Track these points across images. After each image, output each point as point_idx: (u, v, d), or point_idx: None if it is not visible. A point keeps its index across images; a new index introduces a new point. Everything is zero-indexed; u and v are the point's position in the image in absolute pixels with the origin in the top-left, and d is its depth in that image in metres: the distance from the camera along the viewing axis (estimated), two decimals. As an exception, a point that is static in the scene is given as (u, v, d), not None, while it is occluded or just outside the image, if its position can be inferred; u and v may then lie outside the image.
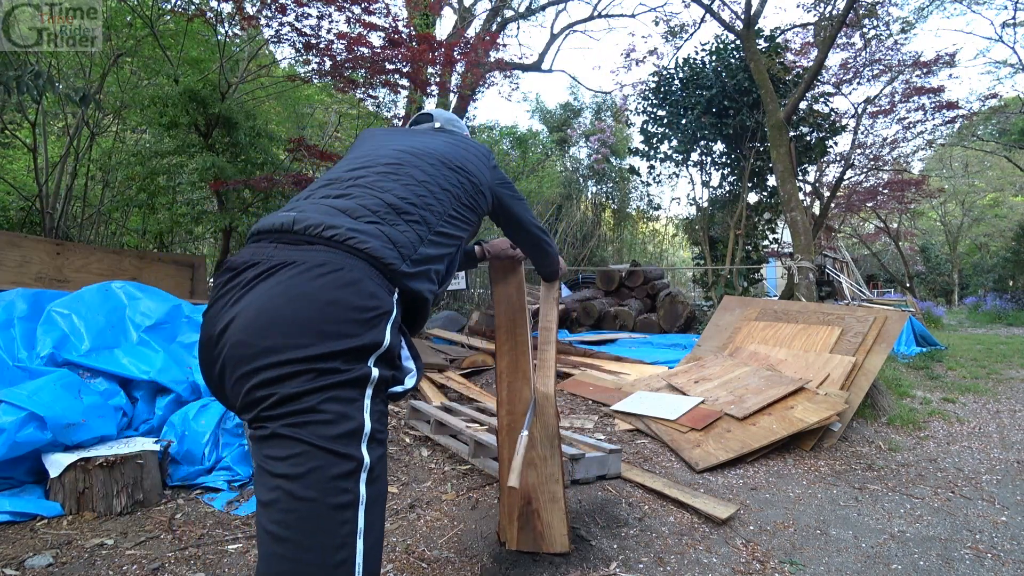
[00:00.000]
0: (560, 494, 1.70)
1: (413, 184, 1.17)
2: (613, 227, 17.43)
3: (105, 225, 6.94)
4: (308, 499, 0.83)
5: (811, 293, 7.45)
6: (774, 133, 8.21)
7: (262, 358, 0.87)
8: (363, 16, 5.31)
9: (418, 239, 1.09)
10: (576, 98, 17.14)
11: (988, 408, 4.17)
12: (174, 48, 5.85)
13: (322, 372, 0.87)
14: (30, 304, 2.71)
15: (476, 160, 1.39)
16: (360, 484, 0.87)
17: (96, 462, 2.03)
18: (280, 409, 0.86)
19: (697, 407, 3.30)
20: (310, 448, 0.84)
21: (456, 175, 1.28)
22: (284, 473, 0.84)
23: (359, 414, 0.89)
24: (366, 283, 0.95)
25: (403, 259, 1.04)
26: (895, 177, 15.84)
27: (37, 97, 3.12)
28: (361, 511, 0.87)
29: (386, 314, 0.96)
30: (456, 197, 1.25)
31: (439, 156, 1.29)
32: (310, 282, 0.91)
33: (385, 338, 0.94)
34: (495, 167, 1.47)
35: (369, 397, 0.91)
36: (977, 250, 24.24)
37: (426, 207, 1.15)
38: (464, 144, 1.42)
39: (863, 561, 1.91)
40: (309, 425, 0.85)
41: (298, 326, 0.88)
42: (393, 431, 3.14)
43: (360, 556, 0.86)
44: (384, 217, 1.07)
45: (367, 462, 0.88)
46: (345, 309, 0.91)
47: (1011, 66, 13.74)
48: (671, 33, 11.09)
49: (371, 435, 0.90)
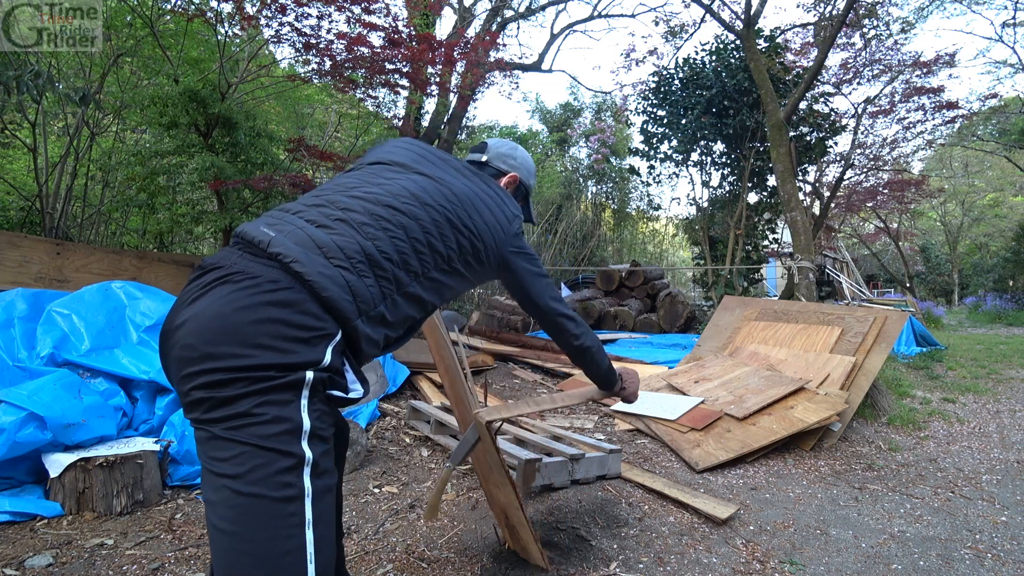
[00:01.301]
0: (523, 520, 1.65)
1: (401, 240, 1.12)
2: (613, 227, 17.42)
3: (105, 225, 6.94)
4: (252, 494, 0.88)
5: (811, 293, 7.45)
6: (774, 133, 8.21)
7: (203, 363, 0.91)
8: (363, 16, 5.30)
9: (381, 296, 1.08)
10: (576, 98, 17.15)
11: (988, 408, 4.17)
12: (174, 48, 5.85)
13: (256, 380, 0.90)
14: (30, 304, 2.71)
15: (493, 218, 1.31)
16: (304, 478, 0.91)
17: (96, 462, 2.03)
18: (218, 412, 0.90)
19: (697, 407, 3.30)
20: (250, 448, 0.88)
21: (459, 236, 1.22)
22: (227, 472, 0.89)
23: (296, 414, 0.92)
24: (308, 305, 0.97)
25: (359, 314, 1.04)
26: (895, 177, 15.84)
27: (37, 97, 3.12)
28: (308, 503, 0.91)
29: (328, 336, 0.98)
30: (447, 259, 1.20)
31: (448, 211, 1.21)
32: (259, 295, 0.94)
33: (325, 358, 0.97)
34: (517, 233, 1.38)
35: (305, 398, 0.94)
36: (977, 250, 24.23)
37: (404, 265, 1.12)
38: (490, 196, 1.33)
39: (863, 561, 1.91)
40: (246, 427, 0.89)
41: (239, 337, 0.91)
42: (393, 431, 3.14)
43: (310, 545, 0.91)
44: (356, 266, 1.05)
45: (309, 457, 0.92)
46: (286, 326, 0.94)
47: (1011, 66, 13.75)
48: (671, 33, 11.09)
49: (311, 432, 0.93)
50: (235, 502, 0.88)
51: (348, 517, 2.13)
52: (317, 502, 0.93)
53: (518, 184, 1.57)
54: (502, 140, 1.62)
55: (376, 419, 3.26)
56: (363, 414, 3.14)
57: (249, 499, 0.88)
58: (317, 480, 0.94)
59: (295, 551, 0.89)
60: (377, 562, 1.81)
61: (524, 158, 1.60)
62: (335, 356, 0.99)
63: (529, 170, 1.61)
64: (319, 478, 0.94)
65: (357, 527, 2.04)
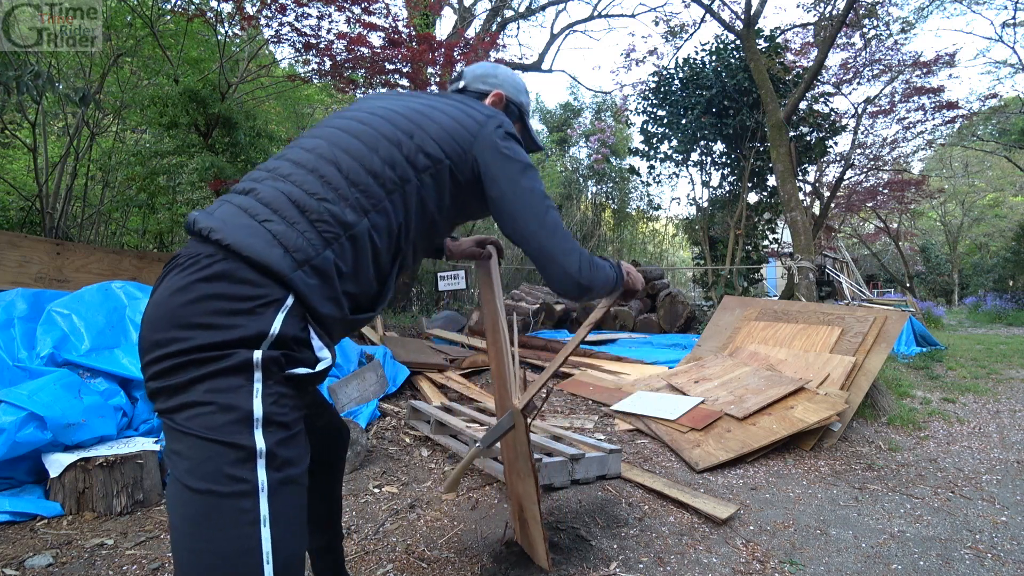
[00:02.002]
0: (537, 515, 1.63)
1: (335, 176, 1.00)
2: (613, 227, 17.43)
3: (105, 225, 6.94)
4: (201, 491, 0.83)
5: (811, 293, 7.45)
6: (774, 133, 8.21)
7: (151, 352, 0.88)
8: (363, 16, 5.31)
9: (322, 241, 0.95)
10: (576, 98, 17.17)
11: (988, 408, 4.17)
12: (174, 48, 5.85)
13: (201, 362, 0.85)
14: (30, 304, 2.71)
15: (454, 122, 1.12)
16: (257, 472, 0.85)
17: (96, 462, 2.03)
18: (171, 401, 0.86)
19: (697, 407, 3.30)
20: (198, 440, 0.84)
21: (409, 154, 1.06)
22: (179, 467, 0.85)
23: (246, 401, 0.85)
24: (242, 272, 0.89)
25: (297, 265, 0.92)
26: (895, 177, 15.85)
27: (37, 97, 3.12)
28: (262, 499, 0.85)
29: (272, 302, 0.89)
30: (400, 184, 1.04)
31: (388, 131, 1.07)
32: (192, 274, 0.89)
33: (272, 327, 0.88)
34: (498, 134, 1.14)
35: (259, 381, 0.87)
36: (977, 250, 24.23)
37: (342, 201, 0.98)
38: (450, 105, 1.16)
39: (863, 561, 1.91)
40: (196, 417, 0.84)
41: (177, 319, 0.87)
42: (393, 431, 3.14)
43: (267, 544, 0.84)
44: (284, 215, 0.95)
45: (260, 448, 0.85)
46: (221, 300, 0.87)
47: (1011, 66, 13.76)
48: (671, 33, 11.09)
49: (266, 419, 0.86)
50: (186, 498, 0.84)
51: (348, 517, 2.13)
52: (274, 497, 0.86)
53: (505, 102, 1.37)
54: (480, 63, 1.43)
55: (376, 419, 3.27)
56: (363, 414, 3.14)
57: (199, 496, 0.83)
58: (274, 472, 0.86)
59: (250, 551, 0.83)
60: (377, 562, 1.81)
61: (508, 74, 1.40)
62: (290, 324, 0.90)
63: (516, 86, 1.40)
64: (277, 470, 0.87)
65: (357, 527, 2.04)
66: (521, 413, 1.56)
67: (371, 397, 3.35)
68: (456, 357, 4.52)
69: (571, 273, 1.14)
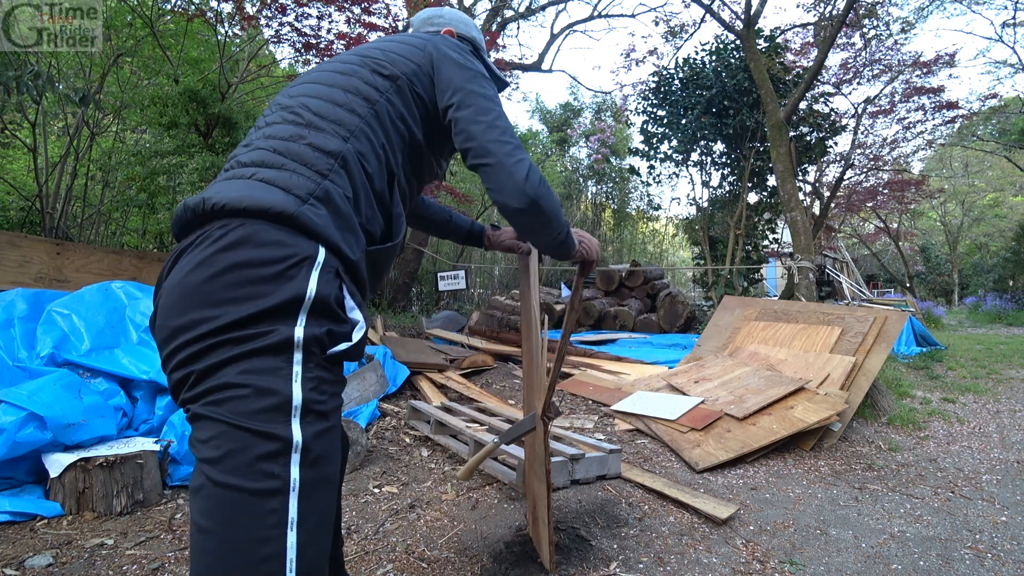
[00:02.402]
0: (545, 518, 1.64)
1: (307, 114, 0.98)
2: (613, 227, 17.44)
3: (105, 225, 6.94)
4: (228, 485, 0.75)
5: (811, 293, 7.45)
6: (774, 133, 8.21)
7: (176, 338, 0.81)
8: (363, 16, 5.31)
9: (317, 175, 0.91)
10: (576, 98, 17.18)
11: (988, 408, 4.17)
12: (174, 48, 5.85)
13: (235, 342, 0.78)
14: (30, 304, 2.71)
15: (404, 45, 1.13)
16: (291, 467, 0.77)
17: (96, 462, 2.03)
18: (198, 388, 0.79)
19: (697, 407, 3.30)
20: (228, 428, 0.76)
21: (368, 77, 1.05)
22: (205, 457, 0.77)
23: (284, 385, 0.78)
24: (264, 233, 0.83)
25: (300, 200, 0.87)
26: (895, 177, 15.86)
27: (37, 97, 3.12)
28: (292, 499, 0.76)
29: (305, 260, 0.83)
30: (371, 102, 1.02)
31: (340, 67, 1.07)
32: (210, 247, 0.82)
33: (308, 288, 0.81)
34: (455, 44, 1.15)
35: (299, 363, 0.79)
36: (977, 250, 24.24)
37: (317, 132, 0.96)
38: (399, 37, 1.17)
39: (863, 561, 1.91)
40: (228, 402, 0.76)
41: (204, 298, 0.79)
42: (393, 431, 3.14)
43: (292, 551, 0.76)
44: (271, 163, 0.92)
45: (297, 441, 0.77)
46: (248, 268, 0.80)
47: (1011, 66, 13.76)
48: (671, 33, 11.10)
49: (304, 408, 0.79)
50: (210, 493, 0.76)
51: (348, 517, 2.13)
52: (306, 497, 0.78)
53: (458, 38, 1.33)
54: (425, 9, 1.42)
55: (376, 419, 3.27)
56: (363, 414, 3.14)
57: (224, 490, 0.75)
58: (308, 470, 0.78)
59: (273, 557, 0.75)
60: (377, 562, 1.81)
61: (454, 13, 1.38)
62: (325, 282, 0.83)
63: (464, 22, 1.38)
64: (311, 467, 0.79)
65: (357, 527, 2.04)
66: (542, 418, 1.56)
67: (371, 397, 3.35)
68: (456, 357, 4.52)
69: (518, 180, 1.03)
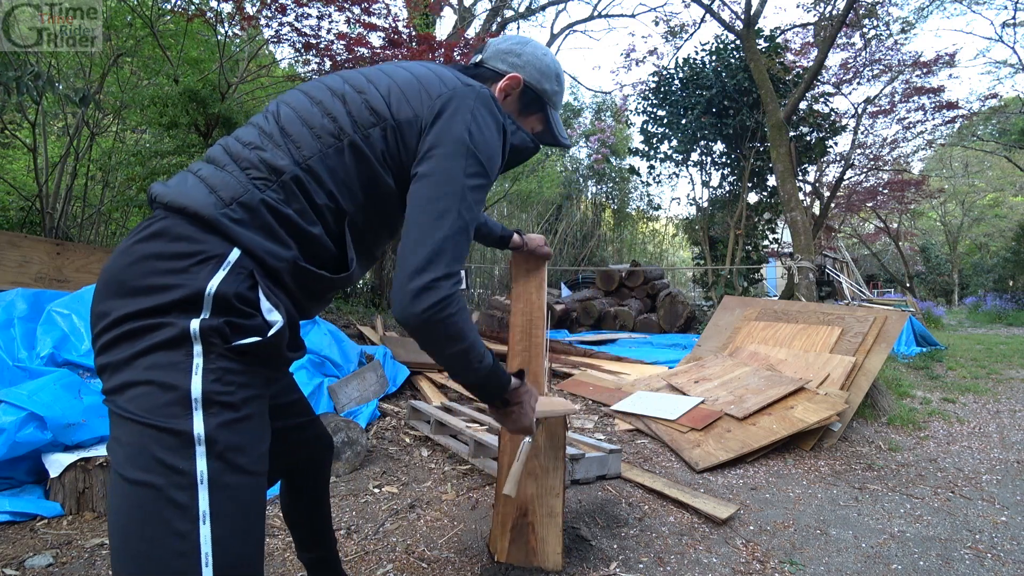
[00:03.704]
0: (558, 509, 1.64)
1: (270, 127, 0.94)
2: (613, 227, 17.44)
3: (105, 225, 6.93)
4: (137, 482, 0.75)
5: (811, 293, 7.45)
6: (774, 133, 8.21)
7: (97, 324, 0.82)
8: (363, 16, 5.30)
9: (250, 185, 0.87)
10: (576, 98, 17.17)
11: (988, 408, 4.17)
12: (174, 48, 5.85)
13: (138, 333, 0.78)
14: (30, 304, 2.71)
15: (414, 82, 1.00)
16: (196, 460, 0.75)
17: (96, 462, 2.03)
18: (112, 381, 0.79)
19: (697, 407, 3.30)
20: (135, 425, 0.76)
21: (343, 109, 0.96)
22: (117, 454, 0.78)
23: (183, 379, 0.77)
24: (179, 228, 0.82)
25: (222, 203, 0.84)
26: (895, 177, 15.86)
27: (37, 97, 3.12)
28: (202, 492, 0.75)
29: (213, 258, 0.81)
30: (335, 135, 0.93)
31: (336, 84, 1.00)
32: (133, 237, 0.84)
33: (209, 285, 0.79)
34: (479, 107, 0.98)
35: (199, 355, 0.78)
36: (977, 250, 24.25)
37: (273, 147, 0.91)
38: (427, 67, 1.05)
39: (863, 561, 1.91)
40: (135, 399, 0.77)
41: (118, 287, 0.81)
42: (393, 431, 3.14)
43: (207, 544, 0.74)
44: (215, 161, 0.91)
45: (199, 433, 0.76)
46: (160, 260, 0.80)
47: (1011, 66, 13.77)
48: (671, 33, 11.10)
49: (206, 400, 0.77)
50: (121, 490, 0.76)
51: (348, 517, 2.13)
52: (217, 489, 0.76)
53: (523, 87, 1.17)
54: (511, 36, 1.24)
55: (376, 419, 3.27)
56: (363, 414, 3.14)
57: (134, 487, 0.75)
58: (216, 461, 0.77)
59: (186, 552, 0.74)
60: (377, 562, 1.81)
61: (534, 54, 1.19)
62: (231, 281, 0.81)
63: (542, 70, 1.18)
64: (219, 459, 0.77)
65: (357, 527, 2.05)
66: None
67: (371, 397, 3.35)
68: (456, 357, 4.52)
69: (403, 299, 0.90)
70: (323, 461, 1.32)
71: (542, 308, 1.81)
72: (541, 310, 1.81)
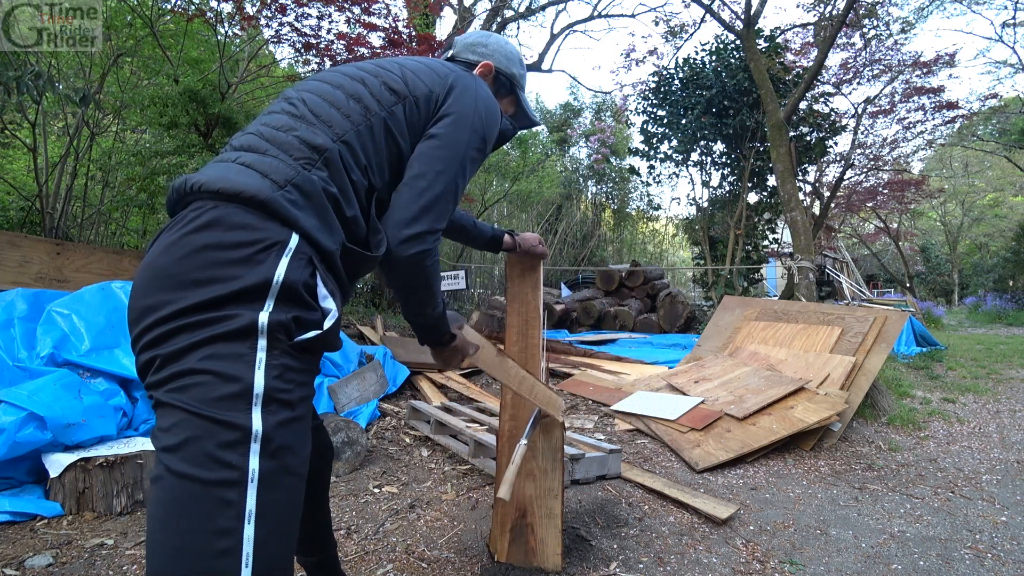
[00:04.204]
0: (557, 510, 1.64)
1: (302, 110, 0.98)
2: (613, 227, 17.44)
3: (105, 225, 6.93)
4: (185, 475, 0.73)
5: (811, 293, 7.45)
6: (774, 133, 8.21)
7: (143, 319, 0.80)
8: (363, 16, 5.30)
9: (296, 166, 0.89)
10: (576, 98, 17.17)
11: (988, 408, 4.17)
12: (174, 48, 5.85)
13: (199, 325, 0.76)
14: (30, 304, 2.71)
15: (424, 67, 1.10)
16: (250, 457, 0.74)
17: (96, 462, 2.03)
18: (162, 373, 0.77)
19: (697, 407, 3.30)
20: (188, 415, 0.74)
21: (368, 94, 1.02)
22: (165, 446, 0.76)
23: (247, 372, 0.76)
24: (235, 216, 0.82)
25: (277, 186, 0.85)
26: (895, 177, 15.86)
27: (37, 97, 3.12)
28: (251, 490, 0.74)
29: (275, 245, 0.81)
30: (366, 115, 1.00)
31: (353, 72, 1.06)
32: (184, 227, 0.82)
33: (276, 273, 0.79)
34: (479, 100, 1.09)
35: (263, 350, 0.77)
36: (977, 250, 24.24)
37: (307, 126, 0.95)
38: (424, 59, 1.15)
39: (863, 561, 1.91)
40: (189, 388, 0.75)
41: (171, 280, 0.79)
42: (393, 431, 3.14)
43: (249, 545, 0.73)
44: (256, 148, 0.92)
45: (256, 430, 0.75)
46: (218, 250, 0.79)
47: (1011, 66, 13.76)
48: (671, 33, 11.09)
49: (267, 396, 0.77)
50: (168, 483, 0.74)
51: (348, 517, 2.13)
52: (266, 489, 0.75)
53: (494, 74, 1.30)
54: (472, 31, 1.38)
55: (376, 419, 3.27)
56: (363, 414, 3.14)
57: (181, 480, 0.73)
58: (269, 460, 0.76)
59: (228, 553, 0.72)
60: (377, 562, 1.81)
61: (499, 43, 1.33)
62: (295, 268, 0.82)
63: (508, 56, 1.32)
64: (272, 457, 0.76)
65: (357, 527, 2.04)
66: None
67: (371, 397, 3.35)
68: (456, 357, 4.52)
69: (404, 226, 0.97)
70: (324, 466, 1.32)
71: (538, 308, 1.79)
72: (537, 310, 1.79)
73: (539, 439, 1.70)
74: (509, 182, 11.45)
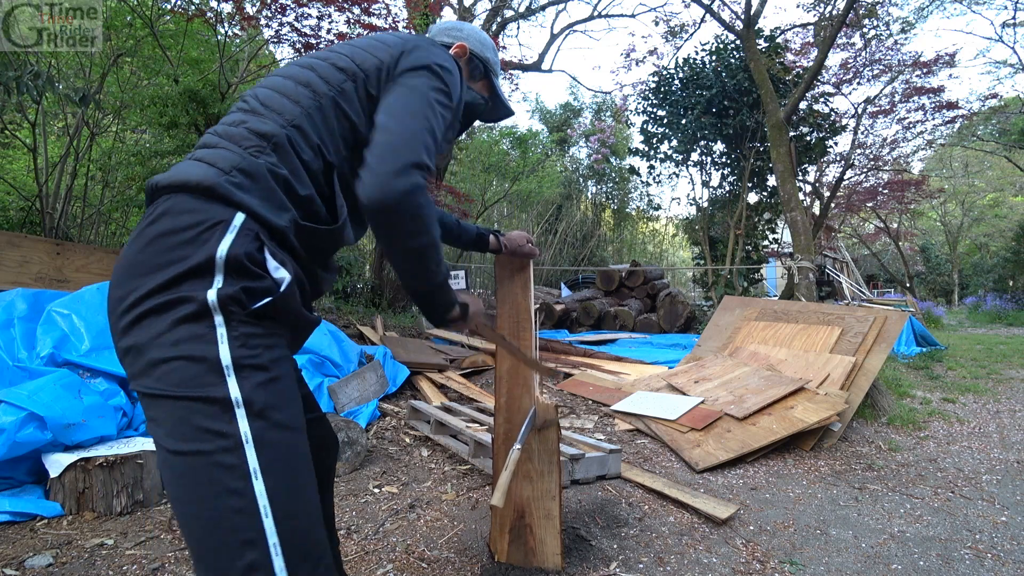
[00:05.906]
0: (555, 512, 1.64)
1: (260, 103, 1.01)
2: (613, 227, 17.45)
3: (105, 225, 6.93)
4: (185, 452, 0.79)
5: (811, 293, 7.45)
6: (774, 133, 8.21)
7: (116, 308, 0.85)
8: (363, 17, 5.31)
9: (245, 153, 0.92)
10: (576, 98, 17.18)
11: (988, 408, 4.17)
12: (174, 48, 5.85)
13: (160, 309, 0.81)
14: (30, 304, 2.71)
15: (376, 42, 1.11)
16: (238, 423, 0.80)
17: (96, 462, 2.03)
18: (138, 364, 0.82)
19: (697, 407, 3.30)
20: (171, 400, 0.80)
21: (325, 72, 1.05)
22: (159, 432, 0.81)
23: (210, 349, 0.81)
24: (182, 203, 0.87)
25: (221, 172, 0.89)
26: (895, 177, 15.87)
27: (37, 97, 3.12)
28: (248, 451, 0.79)
29: (219, 223, 0.85)
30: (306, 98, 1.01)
31: (304, 61, 1.09)
32: (141, 224, 0.89)
33: (219, 249, 0.83)
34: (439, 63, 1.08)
35: (221, 326, 0.82)
36: (977, 250, 24.25)
37: (256, 117, 0.98)
38: (384, 33, 1.17)
39: (863, 561, 1.91)
40: (166, 375, 0.80)
41: (135, 269, 0.84)
42: (393, 431, 3.14)
43: (263, 497, 0.79)
44: (211, 143, 0.97)
45: (236, 397, 0.80)
46: (170, 235, 0.84)
47: (1011, 66, 13.77)
48: (671, 33, 11.09)
49: (236, 365, 0.81)
50: (172, 464, 0.80)
51: (348, 517, 2.13)
52: (264, 446, 0.80)
53: (469, 55, 1.32)
54: (447, 20, 1.43)
55: (376, 419, 3.27)
56: (363, 414, 3.14)
57: (183, 458, 0.79)
58: (258, 420, 0.81)
59: (245, 509, 0.78)
60: (377, 562, 1.81)
61: (473, 29, 1.36)
62: (239, 243, 0.85)
63: (481, 40, 1.35)
64: (260, 417, 0.81)
65: (357, 527, 2.04)
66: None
67: (371, 397, 3.35)
68: (456, 357, 4.52)
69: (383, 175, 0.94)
70: (329, 460, 1.32)
71: (529, 310, 1.76)
72: (528, 311, 1.76)
73: (535, 441, 1.69)
74: (509, 182, 11.45)
